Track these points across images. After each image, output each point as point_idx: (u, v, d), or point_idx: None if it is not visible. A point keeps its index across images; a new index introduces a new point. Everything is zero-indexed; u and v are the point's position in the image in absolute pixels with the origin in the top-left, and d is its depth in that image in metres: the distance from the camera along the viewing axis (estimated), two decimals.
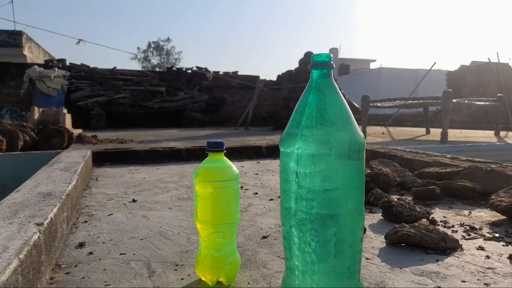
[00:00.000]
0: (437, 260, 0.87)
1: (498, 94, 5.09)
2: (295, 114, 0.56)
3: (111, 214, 1.28)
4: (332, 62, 0.56)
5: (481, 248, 0.95)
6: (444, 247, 0.93)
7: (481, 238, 1.03)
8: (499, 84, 7.97)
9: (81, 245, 0.98)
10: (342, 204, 0.53)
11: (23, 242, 0.70)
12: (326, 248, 0.53)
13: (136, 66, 28.10)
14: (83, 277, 0.79)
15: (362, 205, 0.55)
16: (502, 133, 5.54)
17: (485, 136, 5.13)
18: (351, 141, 0.53)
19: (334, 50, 30.40)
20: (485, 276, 0.79)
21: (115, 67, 9.51)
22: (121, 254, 0.92)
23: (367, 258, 0.89)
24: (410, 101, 4.75)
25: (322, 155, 0.52)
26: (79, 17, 53.55)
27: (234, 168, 0.77)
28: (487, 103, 4.75)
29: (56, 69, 8.00)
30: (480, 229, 1.10)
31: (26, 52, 11.38)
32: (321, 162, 0.52)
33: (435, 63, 8.18)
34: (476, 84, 10.28)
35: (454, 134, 5.23)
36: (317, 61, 0.55)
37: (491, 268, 0.83)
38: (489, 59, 8.90)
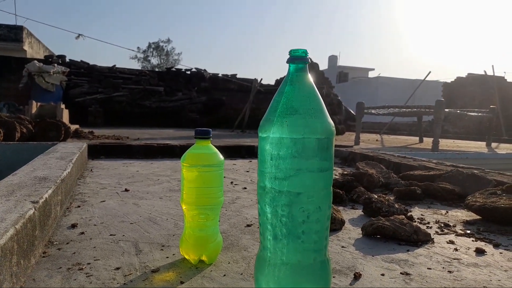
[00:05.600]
0: (408, 250, 0.93)
1: (491, 106, 5.18)
2: (273, 102, 0.62)
3: (103, 201, 1.33)
4: (307, 57, 0.61)
5: (451, 242, 1.01)
6: (416, 239, 0.98)
7: (453, 234, 1.09)
8: (494, 97, 8.09)
9: (73, 226, 1.03)
10: (311, 184, 0.58)
11: (19, 215, 0.75)
12: (295, 223, 0.58)
13: (135, 65, 28.19)
14: (74, 253, 0.84)
15: (330, 186, 0.61)
16: (494, 145, 5.63)
17: (477, 146, 5.21)
18: (321, 128, 0.59)
19: (333, 58, 30.60)
20: (450, 265, 0.85)
21: (114, 65, 9.57)
22: (111, 235, 0.97)
23: (342, 247, 0.95)
24: (404, 109, 4.84)
25: (294, 139, 0.57)
26: (80, 15, 53.67)
27: (219, 155, 0.82)
28: (479, 114, 4.84)
29: (55, 64, 8.05)
30: (454, 226, 1.16)
31: (26, 47, 11.43)
32: (293, 146, 0.58)
33: (429, 72, 8.27)
34: (472, 96, 10.40)
35: (447, 144, 5.31)
36: (293, 56, 0.61)
37: (457, 259, 0.89)
38: (485, 71, 9.03)
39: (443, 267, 0.83)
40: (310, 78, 0.62)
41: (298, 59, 0.61)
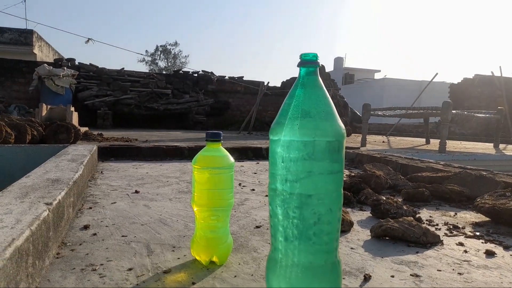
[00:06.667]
0: (417, 252, 0.93)
1: (498, 107, 5.14)
2: (284, 106, 0.63)
3: (114, 203, 1.35)
4: (318, 61, 0.62)
5: (460, 244, 1.01)
6: (425, 241, 0.99)
7: (462, 236, 1.08)
8: (502, 98, 8.01)
9: (85, 227, 1.05)
10: (322, 186, 0.59)
11: (34, 217, 0.77)
12: (306, 224, 0.59)
13: (143, 68, 28.42)
14: (87, 254, 0.85)
15: (341, 189, 0.62)
16: (502, 146, 5.59)
17: (484, 148, 5.17)
18: (332, 131, 0.59)
19: (339, 59, 30.53)
20: (460, 267, 0.85)
21: (123, 68, 9.64)
22: (122, 236, 0.98)
23: (351, 248, 0.95)
24: (411, 111, 4.82)
25: (305, 142, 0.58)
26: (89, 19, 54.23)
27: (230, 157, 0.83)
28: (487, 115, 4.80)
29: (65, 68, 8.13)
30: (463, 228, 1.16)
31: (36, 50, 11.56)
32: (304, 148, 0.58)
33: (436, 74, 8.22)
34: (479, 97, 10.32)
35: (454, 145, 5.28)
36: (304, 60, 0.62)
37: (467, 261, 0.89)
38: (492, 72, 8.94)
39: (453, 269, 0.83)
40: (321, 81, 0.63)
41: (309, 62, 0.62)
